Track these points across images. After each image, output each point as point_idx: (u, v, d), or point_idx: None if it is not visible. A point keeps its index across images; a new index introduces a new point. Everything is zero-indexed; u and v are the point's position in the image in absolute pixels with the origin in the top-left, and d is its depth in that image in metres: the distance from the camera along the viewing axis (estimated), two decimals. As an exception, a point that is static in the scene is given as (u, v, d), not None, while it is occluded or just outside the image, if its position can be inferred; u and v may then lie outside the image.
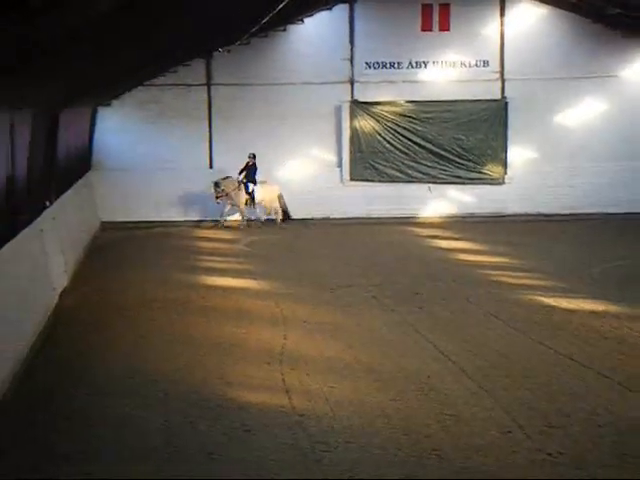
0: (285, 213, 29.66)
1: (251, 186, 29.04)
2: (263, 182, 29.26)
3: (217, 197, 28.66)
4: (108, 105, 29.81)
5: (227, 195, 28.74)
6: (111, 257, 24.23)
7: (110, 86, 24.87)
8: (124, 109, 30.01)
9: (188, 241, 26.92)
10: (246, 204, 29.25)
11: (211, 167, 30.48)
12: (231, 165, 29.65)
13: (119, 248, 25.75)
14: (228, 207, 29.29)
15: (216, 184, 28.55)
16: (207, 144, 30.43)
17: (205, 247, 25.80)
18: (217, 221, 29.45)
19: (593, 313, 16.93)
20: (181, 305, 18.04)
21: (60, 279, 19.04)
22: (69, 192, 23.23)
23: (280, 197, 29.43)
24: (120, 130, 30.00)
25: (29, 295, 15.46)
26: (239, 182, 28.88)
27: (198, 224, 29.55)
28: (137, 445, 10.48)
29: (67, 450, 10.37)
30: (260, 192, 29.17)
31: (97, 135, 29.86)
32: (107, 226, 28.98)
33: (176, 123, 30.15)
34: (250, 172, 29.02)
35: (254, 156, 28.95)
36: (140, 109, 30.06)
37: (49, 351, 14.73)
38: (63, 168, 22.54)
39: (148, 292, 19.36)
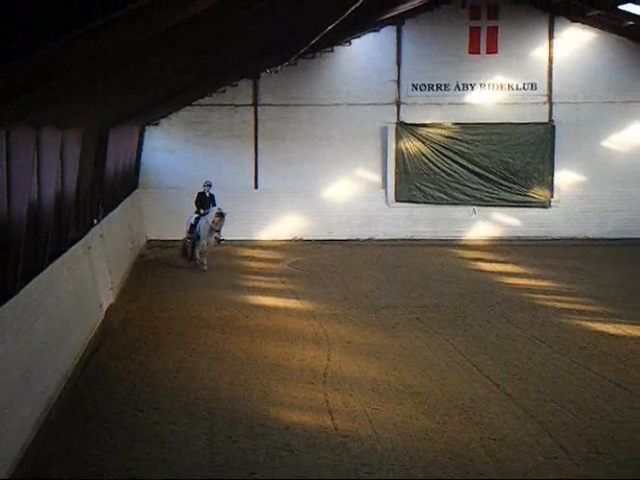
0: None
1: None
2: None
3: (218, 230, 24.63)
4: (156, 124, 30.10)
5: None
6: (157, 275, 24.38)
7: (158, 105, 25.10)
8: (172, 128, 30.28)
9: (232, 260, 26.99)
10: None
11: (256, 187, 30.60)
12: (276, 185, 29.75)
13: (165, 266, 25.89)
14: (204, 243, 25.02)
15: (222, 215, 24.68)
16: (253, 164, 30.57)
17: (249, 266, 25.86)
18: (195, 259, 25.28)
19: (640, 339, 16.74)
20: (226, 324, 18.10)
21: (107, 296, 19.21)
22: (116, 210, 23.46)
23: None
24: (167, 149, 30.28)
25: (76, 311, 15.60)
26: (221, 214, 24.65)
27: (243, 243, 29.59)
28: (181, 462, 10.52)
29: (113, 466, 10.43)
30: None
31: (144, 154, 30.15)
32: (153, 244, 29.19)
33: (222, 143, 30.36)
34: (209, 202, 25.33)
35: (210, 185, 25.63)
36: (187, 128, 30.32)
37: (95, 367, 14.85)
38: (111, 186, 22.77)
39: (193, 310, 19.45)
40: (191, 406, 12.63)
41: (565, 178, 30.64)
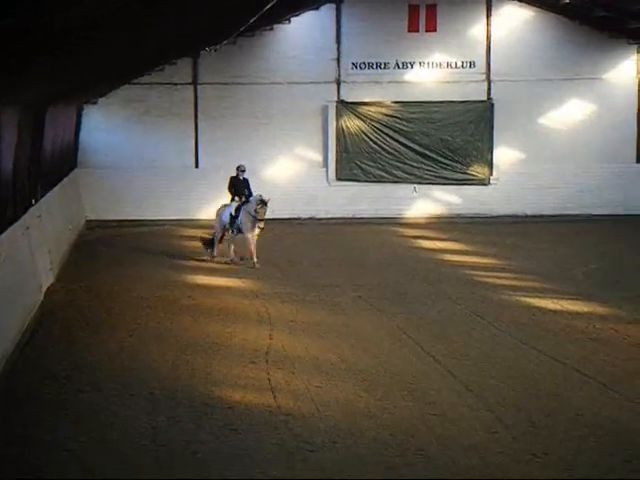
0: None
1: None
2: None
3: (262, 219, 21.97)
4: (94, 103, 29.73)
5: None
6: (97, 255, 24.16)
7: (96, 84, 24.81)
8: (110, 107, 29.95)
9: (173, 239, 26.86)
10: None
11: (197, 166, 30.46)
12: (217, 164, 29.63)
13: (105, 246, 25.67)
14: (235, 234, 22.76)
15: (265, 202, 22.10)
16: (193, 143, 30.40)
17: (191, 246, 25.73)
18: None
19: (578, 314, 17.00)
20: (168, 304, 18.03)
21: (46, 276, 19.01)
22: (55, 190, 23.17)
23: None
24: (106, 128, 29.95)
25: (15, 292, 15.42)
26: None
27: (184, 223, 29.42)
28: (124, 443, 10.48)
29: (54, 447, 10.36)
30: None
31: (83, 133, 29.77)
32: (92, 224, 28.91)
33: (162, 122, 30.12)
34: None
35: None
36: (126, 107, 30.01)
37: (34, 349, 14.71)
38: (49, 166, 22.47)
39: (135, 290, 19.34)
40: (132, 386, 12.57)
41: (504, 156, 30.90)
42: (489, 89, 30.82)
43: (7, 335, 14.09)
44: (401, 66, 30.60)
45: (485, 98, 30.79)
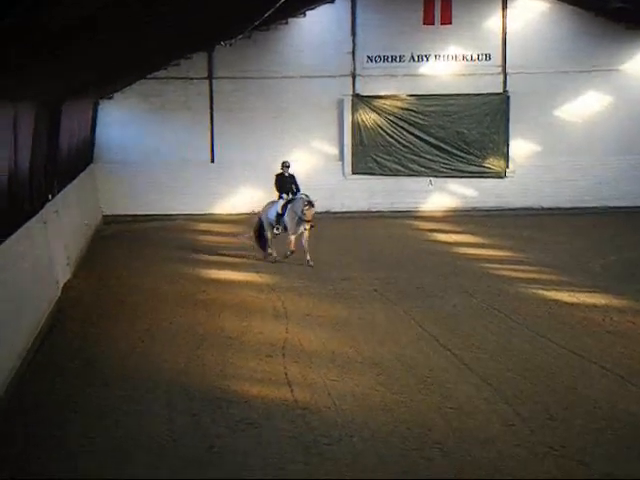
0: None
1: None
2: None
3: (309, 221, 21.30)
4: (110, 98, 29.80)
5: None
6: (113, 250, 24.23)
7: (112, 79, 24.85)
8: (126, 102, 30.00)
9: (189, 234, 26.89)
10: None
11: (212, 161, 30.48)
12: (233, 158, 29.66)
13: (121, 241, 25.75)
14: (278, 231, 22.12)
15: (312, 204, 21.44)
16: (209, 137, 30.42)
17: (207, 240, 25.78)
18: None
19: (595, 307, 16.94)
20: (184, 298, 18.06)
21: (63, 272, 19.07)
22: (71, 185, 23.23)
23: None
24: (122, 123, 29.99)
25: (32, 287, 15.48)
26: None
27: (200, 218, 29.45)
28: (141, 438, 10.51)
29: (72, 442, 10.40)
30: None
31: (99, 128, 29.83)
32: (109, 219, 28.99)
33: (177, 116, 30.15)
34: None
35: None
36: (142, 102, 30.05)
37: (51, 344, 14.76)
38: (65, 161, 22.53)
39: (151, 285, 19.38)
40: (149, 381, 12.60)
41: (520, 148, 30.80)
42: (505, 81, 30.71)
43: (24, 332, 14.14)
44: (416, 59, 30.53)
45: (501, 90, 30.69)
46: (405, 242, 25.23)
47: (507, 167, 30.81)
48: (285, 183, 22.29)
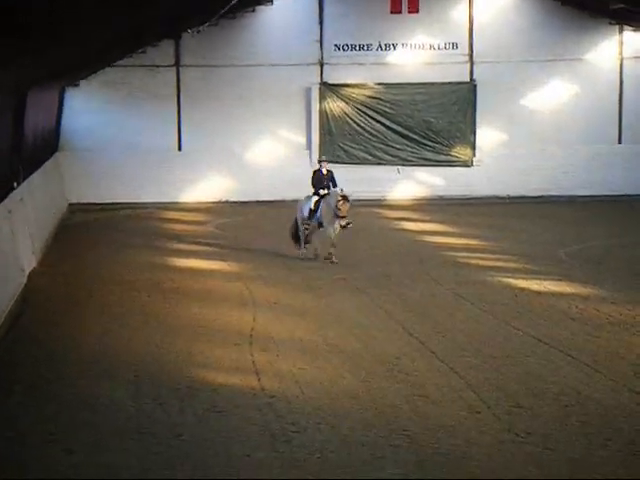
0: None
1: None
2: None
3: (344, 216, 20.34)
4: (76, 86, 29.59)
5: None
6: (79, 238, 24.11)
7: (78, 67, 24.64)
8: (92, 90, 29.82)
9: (156, 222, 26.80)
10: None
11: (180, 149, 30.38)
12: (200, 146, 29.55)
13: (87, 230, 25.63)
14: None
15: (347, 198, 20.53)
16: (176, 125, 30.29)
17: (175, 229, 25.71)
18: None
19: (561, 295, 17.08)
20: (151, 287, 18.00)
21: (28, 260, 18.93)
22: (37, 173, 23.06)
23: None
24: (88, 111, 29.82)
25: (-3, 276, 15.36)
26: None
27: (167, 206, 29.36)
28: (108, 426, 10.46)
29: (39, 430, 10.34)
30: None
31: (65, 116, 29.64)
32: (75, 208, 28.81)
33: (144, 104, 30.01)
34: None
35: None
36: (108, 90, 29.87)
37: (17, 333, 14.65)
38: (31, 149, 22.35)
39: (118, 273, 19.30)
40: (116, 369, 12.56)
41: (487, 137, 30.95)
42: (472, 71, 30.82)
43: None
44: (384, 47, 30.57)
45: (468, 80, 30.81)
46: (373, 230, 25.26)
47: (474, 156, 30.95)
48: (321, 180, 21.33)
